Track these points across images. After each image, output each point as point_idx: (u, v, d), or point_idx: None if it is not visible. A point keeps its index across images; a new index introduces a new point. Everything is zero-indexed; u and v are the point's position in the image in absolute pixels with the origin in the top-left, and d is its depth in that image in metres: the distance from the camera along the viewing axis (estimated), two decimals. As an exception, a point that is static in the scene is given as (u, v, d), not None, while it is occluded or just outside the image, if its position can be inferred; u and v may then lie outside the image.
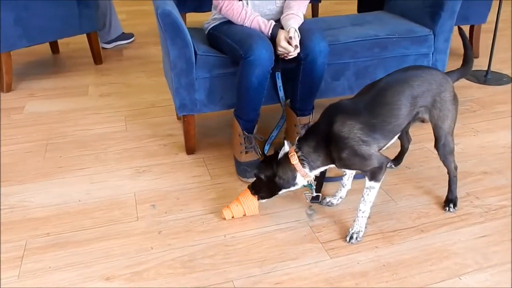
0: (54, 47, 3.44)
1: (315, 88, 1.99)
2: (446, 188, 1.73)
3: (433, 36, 2.21)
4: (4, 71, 2.74)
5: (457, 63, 1.76)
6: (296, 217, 1.69)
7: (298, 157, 1.55)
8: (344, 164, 1.55)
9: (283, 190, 1.63)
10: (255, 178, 1.67)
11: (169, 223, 1.67)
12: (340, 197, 1.76)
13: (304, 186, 1.64)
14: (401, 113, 1.54)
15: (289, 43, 1.81)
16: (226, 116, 2.18)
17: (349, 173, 1.73)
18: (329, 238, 1.59)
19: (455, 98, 1.62)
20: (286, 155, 1.58)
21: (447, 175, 1.71)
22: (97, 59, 3.26)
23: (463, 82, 2.80)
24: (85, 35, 3.16)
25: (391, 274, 1.44)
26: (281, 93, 1.99)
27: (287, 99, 2.05)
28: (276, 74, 1.93)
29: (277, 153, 1.62)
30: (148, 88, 2.82)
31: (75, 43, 3.46)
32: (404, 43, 2.19)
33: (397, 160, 1.96)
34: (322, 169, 1.60)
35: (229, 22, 1.96)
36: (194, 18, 3.24)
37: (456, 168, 1.70)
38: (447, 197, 1.73)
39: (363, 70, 2.18)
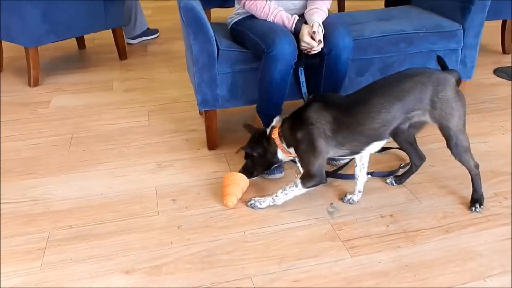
0: (80, 42, 3.49)
1: (339, 84, 1.96)
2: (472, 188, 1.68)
3: (462, 31, 2.15)
4: (31, 66, 2.78)
5: (487, 60, 1.70)
6: (316, 215, 1.67)
7: (278, 132, 1.67)
8: (295, 147, 1.62)
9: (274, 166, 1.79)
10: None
11: (189, 218, 1.67)
12: (359, 191, 1.72)
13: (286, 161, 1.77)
14: (380, 116, 1.51)
15: (313, 38, 1.78)
16: (248, 111, 2.17)
17: (360, 164, 1.70)
18: (350, 236, 1.56)
19: (458, 95, 1.55)
20: (272, 129, 1.71)
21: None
22: (122, 54, 3.29)
23: (494, 79, 2.72)
24: (110, 30, 3.19)
25: (413, 274, 1.40)
26: (304, 89, 1.96)
27: (310, 95, 2.02)
28: (299, 69, 1.90)
29: (265, 131, 1.74)
30: (172, 83, 2.83)
31: (101, 39, 3.50)
32: (432, 38, 2.13)
33: (402, 177, 1.83)
34: None
35: (252, 17, 1.95)
36: (219, 13, 3.23)
37: (477, 166, 1.64)
38: (472, 196, 1.68)
39: (388, 65, 2.13)
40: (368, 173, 1.73)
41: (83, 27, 3.00)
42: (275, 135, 1.68)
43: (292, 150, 1.66)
